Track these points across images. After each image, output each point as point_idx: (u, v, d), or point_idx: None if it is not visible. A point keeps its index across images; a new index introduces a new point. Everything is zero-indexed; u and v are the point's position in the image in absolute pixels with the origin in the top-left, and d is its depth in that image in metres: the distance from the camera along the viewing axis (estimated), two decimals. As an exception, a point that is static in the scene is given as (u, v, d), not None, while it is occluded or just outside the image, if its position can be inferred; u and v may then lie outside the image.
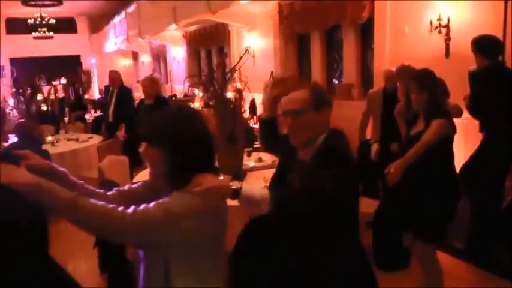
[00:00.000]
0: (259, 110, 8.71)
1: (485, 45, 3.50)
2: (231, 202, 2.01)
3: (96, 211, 1.27)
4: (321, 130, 1.76)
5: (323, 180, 1.54)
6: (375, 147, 4.43)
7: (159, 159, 1.40)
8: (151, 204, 1.32)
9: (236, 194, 1.46)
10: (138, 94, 8.87)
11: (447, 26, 4.88)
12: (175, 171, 1.39)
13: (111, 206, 1.30)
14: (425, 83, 2.68)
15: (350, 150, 1.75)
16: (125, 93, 6.06)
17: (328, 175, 1.55)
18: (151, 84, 4.72)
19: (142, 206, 1.31)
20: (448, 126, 2.65)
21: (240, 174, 3.21)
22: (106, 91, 7.49)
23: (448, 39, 4.92)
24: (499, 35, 4.09)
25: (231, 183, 1.47)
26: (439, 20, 4.92)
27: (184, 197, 1.35)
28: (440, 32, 4.93)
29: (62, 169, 1.48)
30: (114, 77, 6.13)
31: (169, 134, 1.39)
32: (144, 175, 3.45)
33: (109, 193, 1.55)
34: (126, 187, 1.62)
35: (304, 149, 1.77)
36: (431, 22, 4.97)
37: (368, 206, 3.29)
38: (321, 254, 1.71)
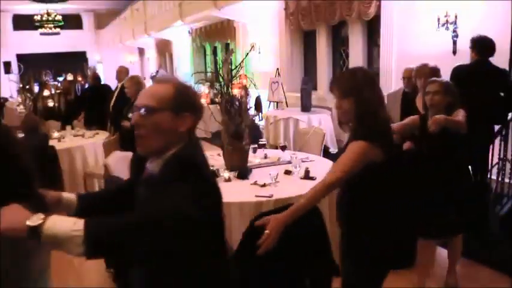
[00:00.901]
0: (265, 107, 8.71)
1: (476, 44, 3.82)
2: (232, 199, 1.85)
3: None
4: (177, 139, 1.39)
5: (168, 201, 1.23)
6: None
7: None
8: None
9: (35, 234, 1.09)
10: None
11: (454, 23, 4.85)
12: None
13: None
14: (350, 85, 1.89)
15: (206, 162, 1.43)
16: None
17: (173, 193, 1.24)
18: (133, 84, 4.89)
19: None
20: (370, 150, 1.81)
21: (245, 171, 3.22)
22: (89, 89, 7.50)
23: (455, 36, 4.89)
24: (507, 31, 4.08)
25: (29, 219, 1.09)
26: (446, 16, 4.88)
27: None
28: (447, 28, 4.90)
29: None
30: (121, 70, 6.21)
31: None
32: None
33: None
34: None
35: (153, 160, 1.42)
36: (438, 19, 4.94)
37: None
38: None
